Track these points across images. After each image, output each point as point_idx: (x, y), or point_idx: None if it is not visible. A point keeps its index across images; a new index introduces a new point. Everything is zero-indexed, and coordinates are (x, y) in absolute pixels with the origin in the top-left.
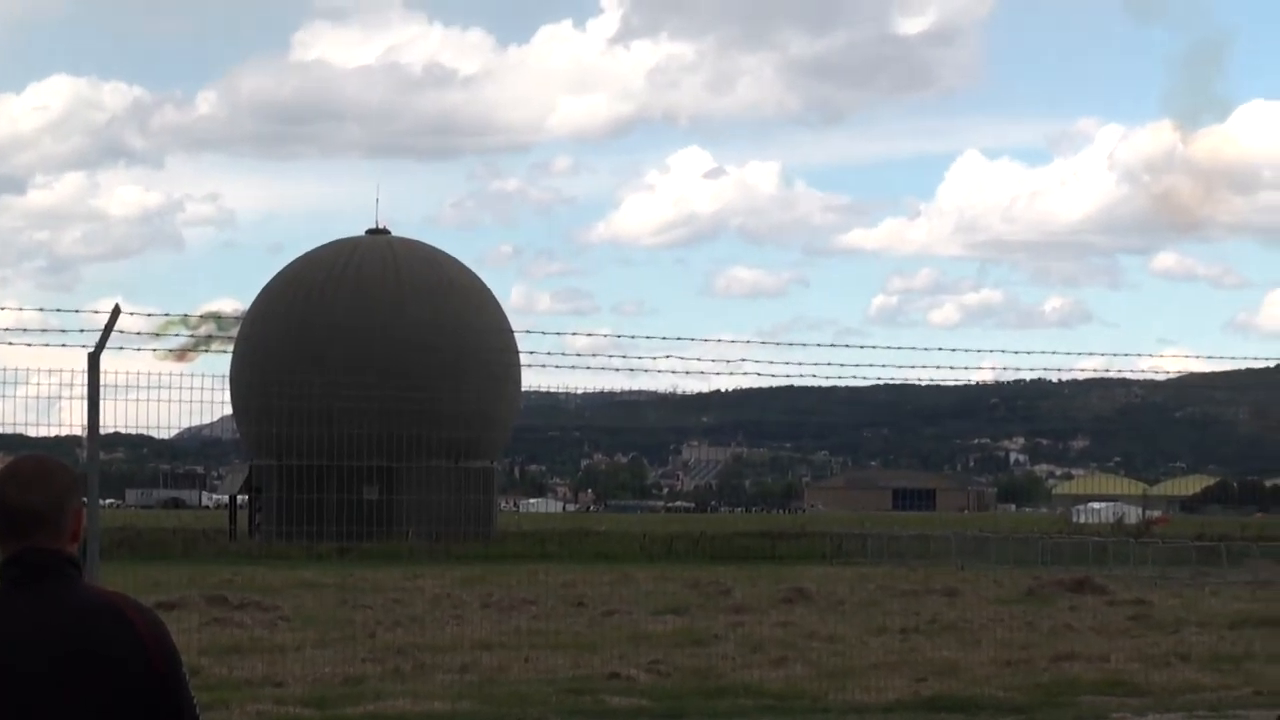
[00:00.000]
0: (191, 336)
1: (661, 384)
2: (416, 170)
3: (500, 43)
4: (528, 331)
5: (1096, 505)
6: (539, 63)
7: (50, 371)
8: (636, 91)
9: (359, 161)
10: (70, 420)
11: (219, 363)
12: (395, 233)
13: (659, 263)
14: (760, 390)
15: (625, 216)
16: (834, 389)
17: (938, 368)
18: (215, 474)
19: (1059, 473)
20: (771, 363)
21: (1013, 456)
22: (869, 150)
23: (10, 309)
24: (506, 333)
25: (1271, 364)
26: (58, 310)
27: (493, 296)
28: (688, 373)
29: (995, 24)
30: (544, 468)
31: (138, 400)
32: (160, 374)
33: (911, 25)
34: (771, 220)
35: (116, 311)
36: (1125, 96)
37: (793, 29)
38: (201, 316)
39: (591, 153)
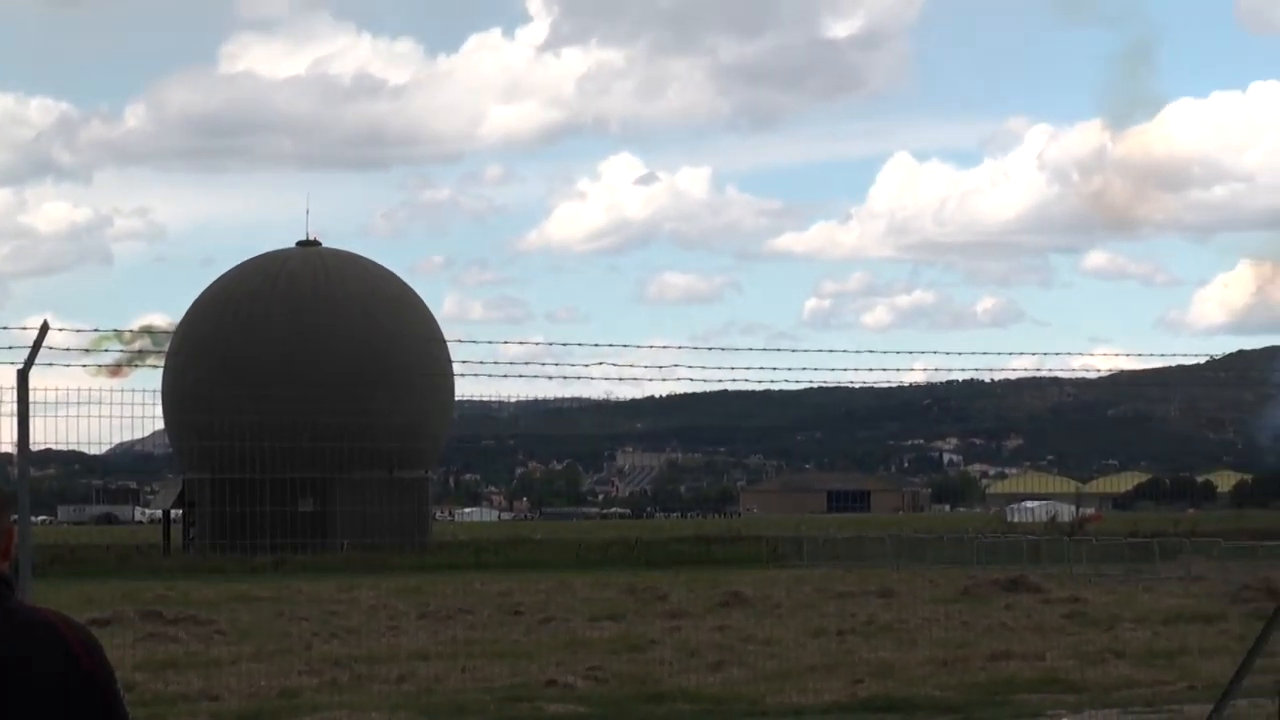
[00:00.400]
0: (125, 352)
1: (595, 391)
2: (347, 181)
3: (429, 52)
4: (460, 341)
5: (1030, 504)
6: (469, 72)
7: None
8: (567, 99)
9: (289, 173)
10: (0, 438)
11: (151, 378)
12: (326, 244)
13: (591, 270)
14: (694, 395)
15: (557, 224)
16: (768, 393)
17: (871, 370)
18: (148, 489)
19: (993, 472)
20: (705, 368)
21: (946, 457)
22: (800, 154)
23: None
24: (439, 343)
25: (1202, 361)
26: None
27: (425, 306)
28: (621, 379)
29: (924, 26)
30: (479, 477)
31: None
32: (92, 390)
33: (840, 29)
34: (703, 225)
35: (45, 328)
36: (1054, 96)
37: (722, 34)
38: (135, 331)
39: (522, 161)
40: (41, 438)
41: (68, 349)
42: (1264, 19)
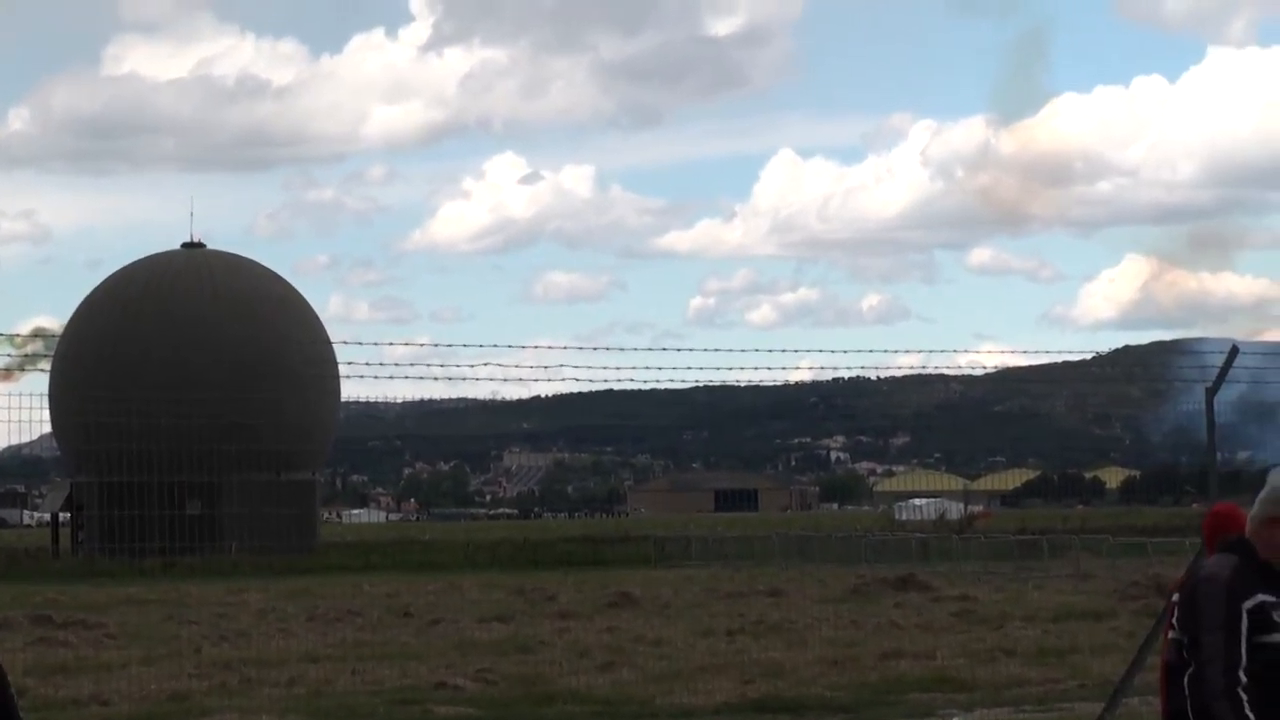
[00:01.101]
0: (16, 355)
1: (481, 391)
2: (231, 183)
3: (313, 53)
4: (345, 342)
5: (919, 502)
6: (352, 72)
7: None
8: (450, 98)
9: (174, 175)
10: None
11: (38, 381)
12: (211, 246)
13: (476, 269)
14: (580, 395)
15: (442, 224)
16: (654, 392)
17: (756, 369)
18: (36, 492)
19: (880, 470)
20: (590, 367)
21: (834, 455)
22: (683, 152)
23: None
24: (324, 344)
25: (1088, 357)
26: None
27: (310, 308)
28: (506, 380)
29: (806, 23)
30: (366, 478)
31: None
32: None
33: (722, 26)
34: (588, 224)
35: None
36: (938, 92)
37: (604, 31)
38: (26, 335)
39: (406, 161)
40: None
41: None
42: (1146, 11)
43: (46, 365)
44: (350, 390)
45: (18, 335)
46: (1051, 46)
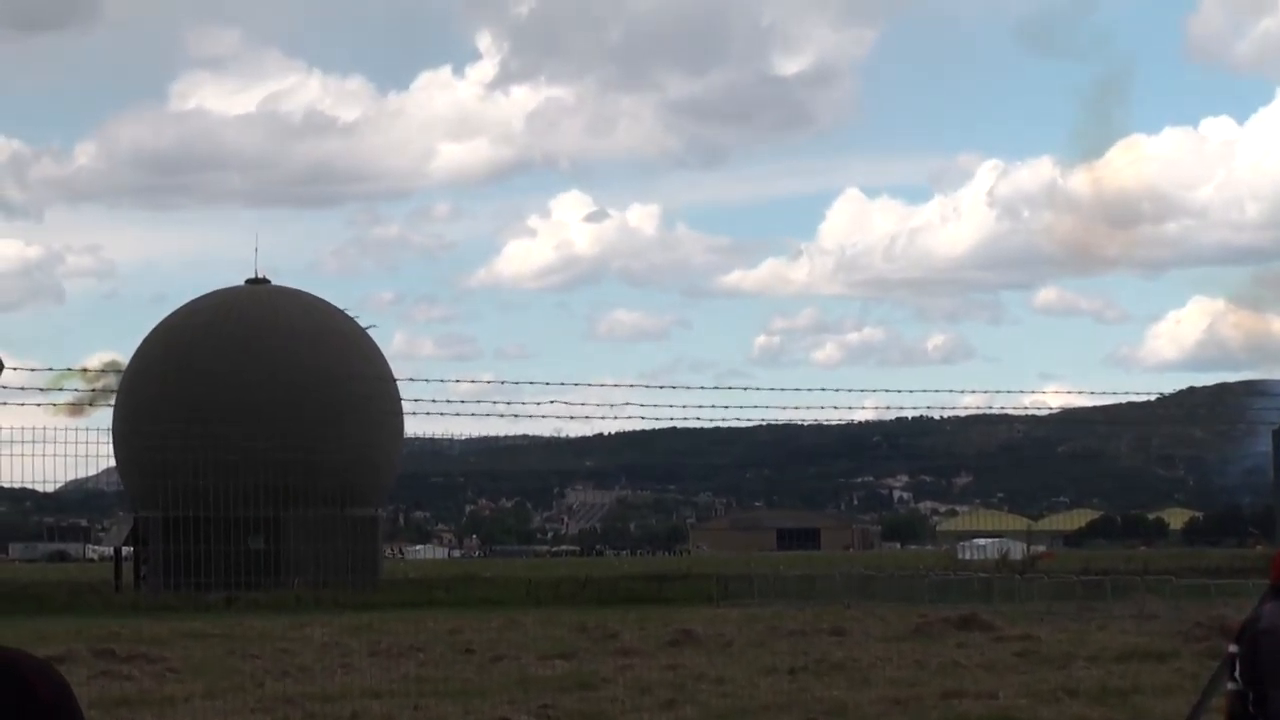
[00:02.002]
0: (87, 390)
1: (544, 428)
2: (296, 219)
3: (380, 90)
4: (410, 379)
5: (981, 542)
6: (418, 109)
7: None
8: (516, 135)
9: (239, 210)
10: None
11: (101, 415)
12: (275, 282)
13: (541, 307)
14: (643, 433)
15: (506, 261)
16: (717, 430)
17: (820, 408)
18: (100, 526)
19: (943, 510)
20: (654, 405)
21: (896, 494)
22: (749, 191)
23: None
24: (388, 380)
25: (1152, 398)
26: None
27: (373, 344)
28: (571, 417)
29: (873, 63)
30: (428, 514)
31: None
32: (43, 428)
33: (789, 65)
34: (652, 262)
35: None
36: (1004, 132)
37: (671, 70)
38: (98, 370)
39: (472, 198)
40: None
41: (22, 388)
42: (1215, 53)
43: (111, 399)
44: (413, 426)
45: (88, 369)
46: (1128, 88)
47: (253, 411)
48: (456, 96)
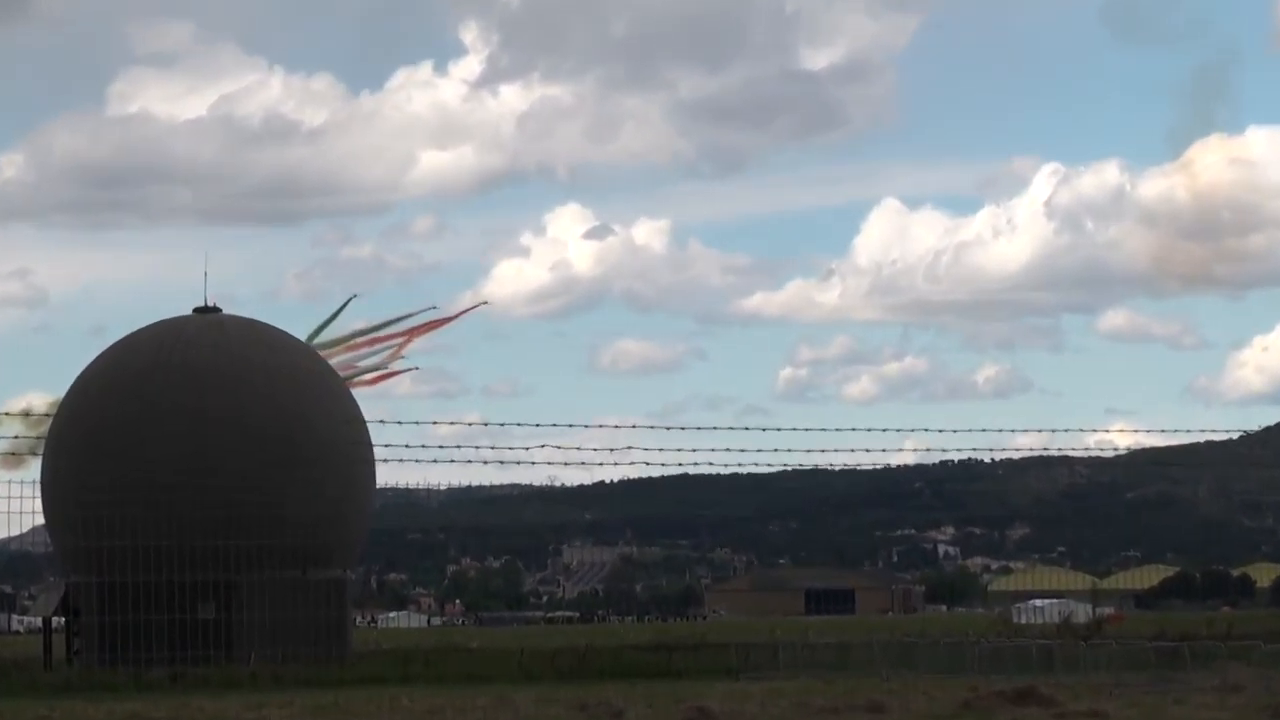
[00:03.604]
0: (32, 437)
1: (538, 476)
2: (254, 238)
3: (351, 90)
4: (382, 421)
5: (1040, 603)
6: (395, 111)
7: None
8: (506, 141)
9: (188, 229)
10: None
11: (29, 466)
12: (228, 311)
13: (534, 337)
14: (651, 480)
15: (496, 284)
16: (735, 477)
17: (853, 450)
18: (26, 594)
19: (995, 566)
20: (664, 449)
21: (942, 549)
22: (772, 202)
23: None
24: (358, 422)
25: (1235, 436)
26: None
27: (341, 381)
28: (567, 463)
29: (914, 55)
30: (404, 576)
31: None
32: None
33: (818, 59)
34: (662, 285)
35: None
36: (1066, 132)
37: (683, 66)
38: (44, 414)
39: (456, 212)
40: None
41: None
42: None
43: (36, 448)
44: (387, 475)
45: (30, 413)
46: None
47: (202, 461)
48: (438, 97)
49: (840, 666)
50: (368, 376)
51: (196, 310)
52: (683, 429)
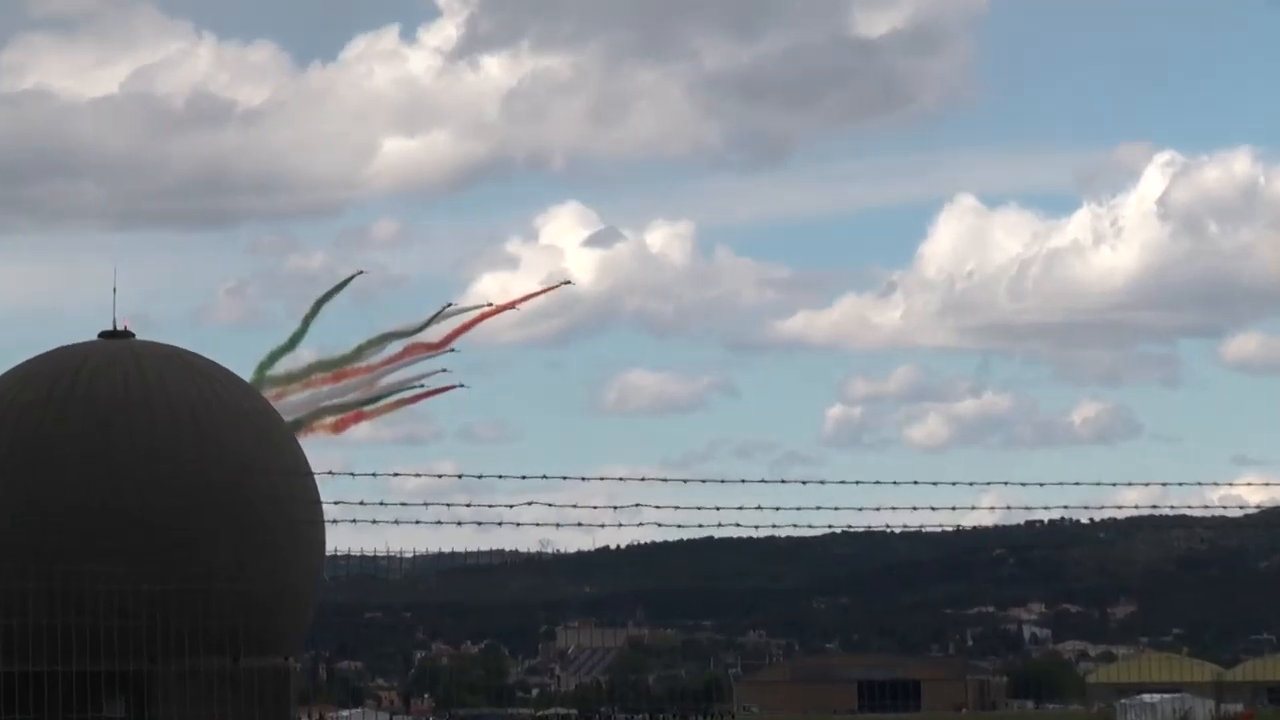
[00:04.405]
0: None
1: (527, 541)
2: (175, 245)
3: (297, 62)
4: (332, 473)
5: (1151, 698)
6: (351, 89)
7: None
8: (489, 125)
9: (93, 234)
10: None
11: None
12: (143, 335)
13: (524, 367)
14: (667, 546)
15: (476, 302)
16: (772, 542)
17: (918, 508)
18: None
19: (1095, 653)
20: (682, 507)
21: (1029, 631)
22: (819, 201)
23: None
24: (304, 474)
25: None
26: None
27: (283, 422)
28: (562, 525)
29: (995, 18)
30: (361, 664)
31: None
32: None
33: (876, 25)
34: (683, 303)
35: None
36: (1185, 113)
37: (709, 32)
38: None
39: (428, 214)
40: None
41: None
42: None
43: None
44: (340, 540)
45: None
46: None
47: (108, 522)
48: (406, 71)
49: None
50: (394, 398)
51: (103, 334)
52: (705, 482)
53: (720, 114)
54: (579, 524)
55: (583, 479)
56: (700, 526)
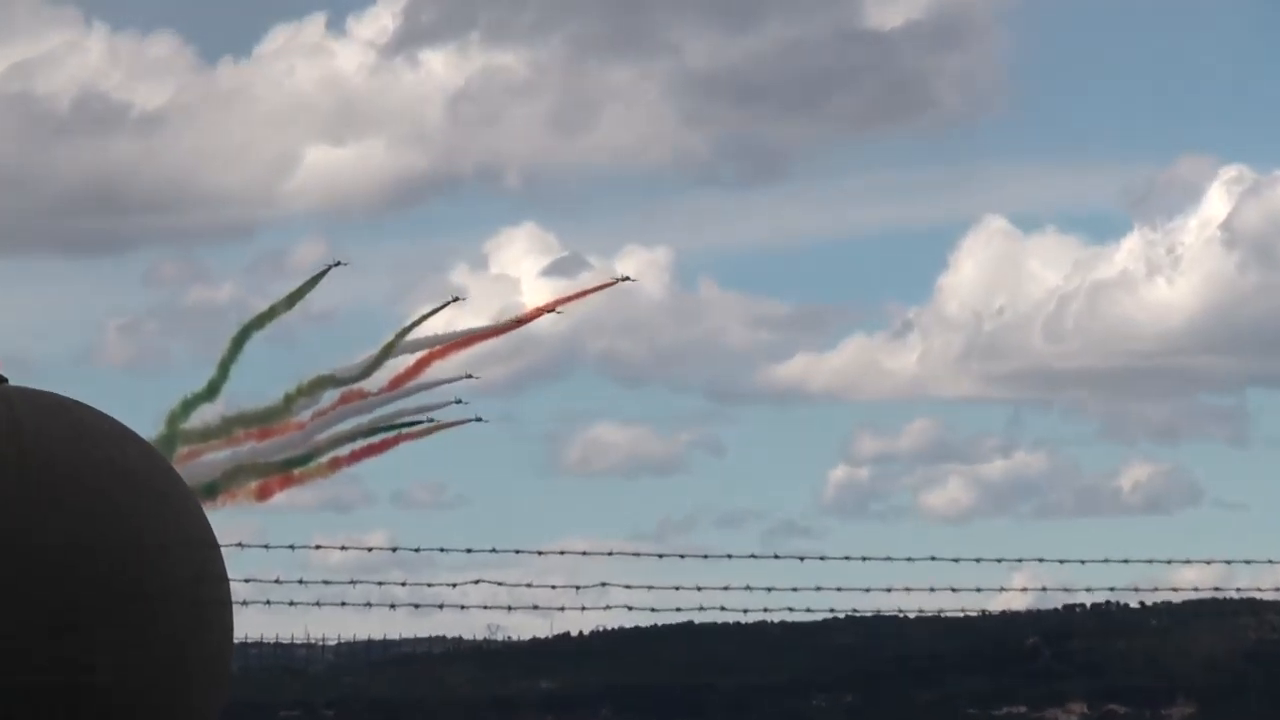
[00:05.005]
0: None
1: (473, 626)
2: (59, 274)
3: (204, 57)
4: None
5: None
6: (269, 90)
7: None
8: (432, 133)
9: None
10: None
11: None
12: (18, 379)
13: (473, 432)
14: (639, 633)
15: (417, 339)
16: (763, 627)
17: (933, 589)
18: None
19: None
20: (656, 587)
21: None
22: (821, 224)
23: None
24: (208, 546)
25: None
26: None
27: (183, 485)
28: (513, 608)
29: (1031, 8)
30: None
31: None
32: None
33: (891, 15)
34: (660, 345)
35: None
36: (1254, 121)
37: (695, 24)
38: None
39: (358, 237)
40: None
41: None
42: None
43: None
44: (249, 624)
45: None
46: None
47: None
48: (333, 68)
49: None
50: (392, 433)
51: None
52: (685, 557)
53: (706, 120)
54: (534, 606)
55: (539, 553)
56: (678, 610)
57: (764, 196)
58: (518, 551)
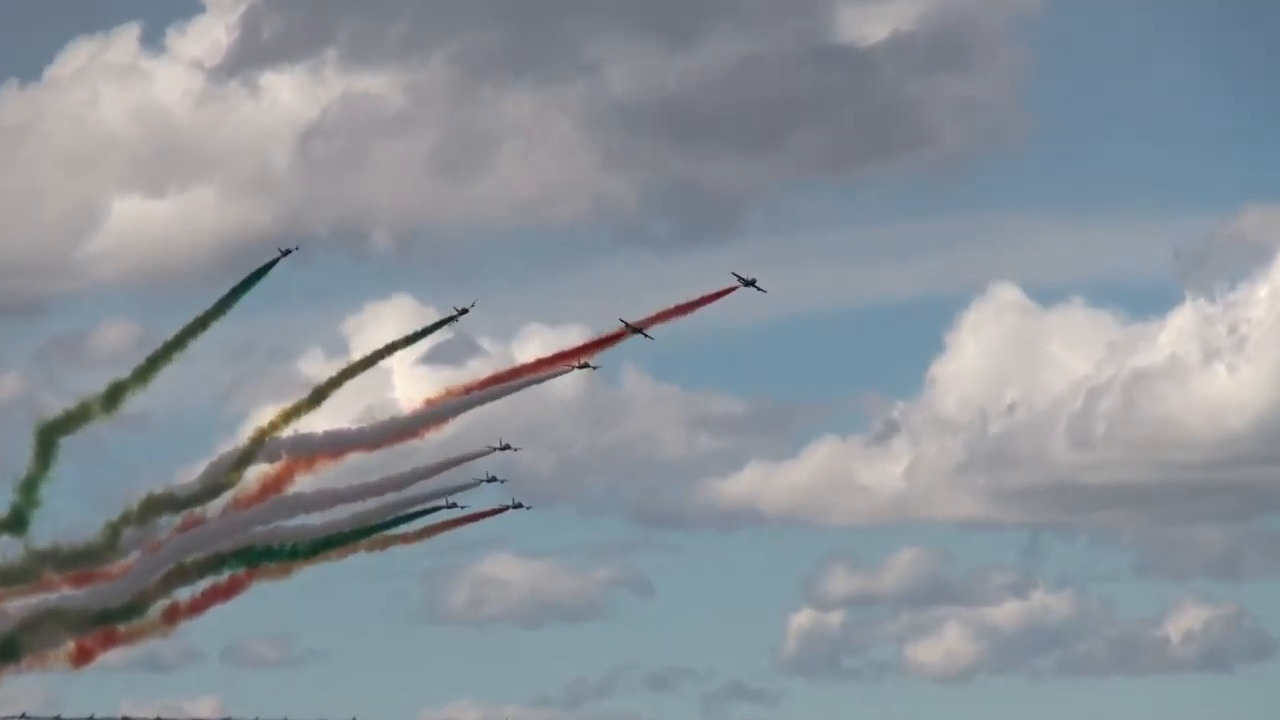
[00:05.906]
0: None
1: None
2: None
3: None
4: (25, 717)
5: None
6: (66, 122)
7: None
8: (277, 179)
9: None
10: None
11: None
12: None
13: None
14: None
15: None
16: None
17: None
18: None
19: None
20: None
21: None
22: (783, 296)
23: None
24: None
25: None
26: None
27: None
28: None
29: (1052, 23)
30: None
31: None
32: None
33: (873, 28)
34: (571, 455)
35: None
36: None
37: (619, 39)
38: None
39: (177, 313)
40: None
41: None
42: None
43: None
44: None
45: None
46: None
47: None
48: (150, 95)
49: None
50: (420, 524)
51: None
52: None
53: (633, 161)
54: None
55: None
56: None
57: (707, 259)
58: None
